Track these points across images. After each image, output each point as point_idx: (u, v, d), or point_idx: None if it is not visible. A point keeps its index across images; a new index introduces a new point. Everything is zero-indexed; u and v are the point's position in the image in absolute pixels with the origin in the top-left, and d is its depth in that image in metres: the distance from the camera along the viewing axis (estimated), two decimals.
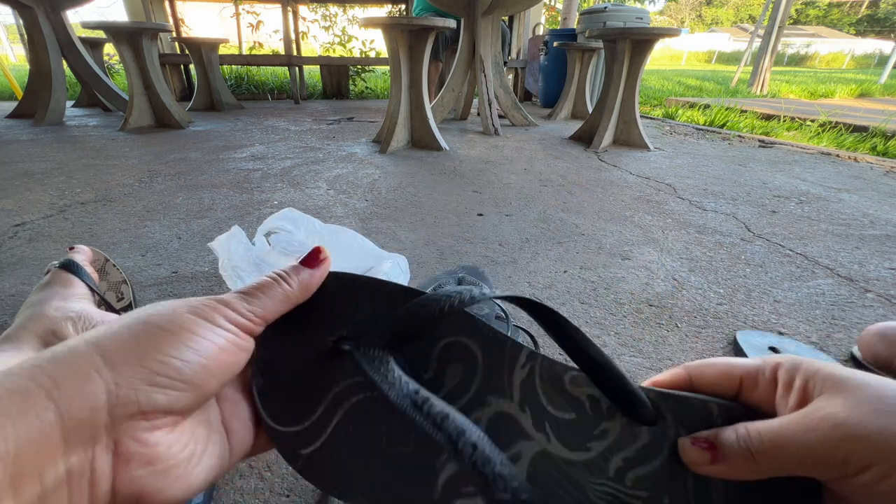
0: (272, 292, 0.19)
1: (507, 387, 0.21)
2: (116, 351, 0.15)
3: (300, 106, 3.42)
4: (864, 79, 6.39)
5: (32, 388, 0.14)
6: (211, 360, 0.16)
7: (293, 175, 1.40)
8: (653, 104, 3.85)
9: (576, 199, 1.21)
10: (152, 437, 0.15)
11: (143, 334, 0.16)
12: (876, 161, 1.76)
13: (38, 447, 0.13)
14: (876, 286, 0.75)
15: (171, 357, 0.15)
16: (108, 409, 0.14)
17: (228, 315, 0.18)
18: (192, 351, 0.16)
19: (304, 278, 0.20)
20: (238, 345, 0.18)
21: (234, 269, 0.58)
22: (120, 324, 0.16)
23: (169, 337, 0.16)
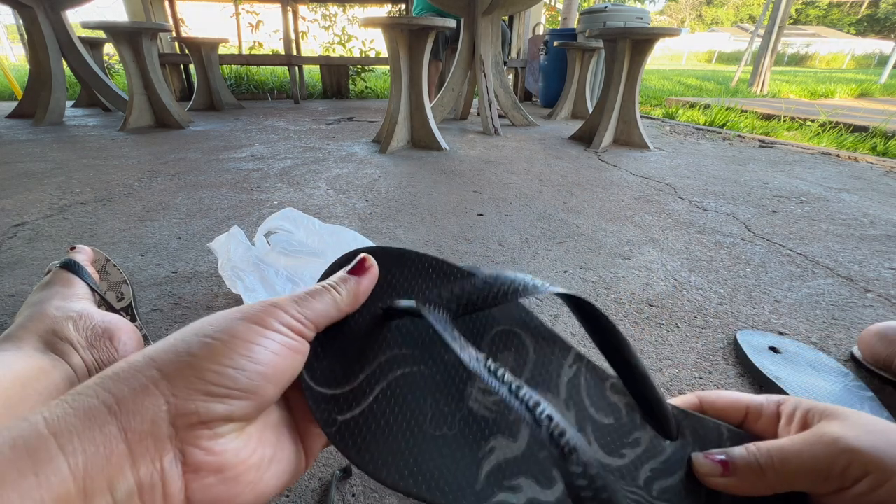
0: (323, 298, 0.19)
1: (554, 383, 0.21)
2: (172, 364, 0.15)
3: (300, 106, 3.42)
4: (864, 79, 6.39)
5: (95, 404, 0.14)
6: (267, 366, 0.16)
7: (293, 175, 1.40)
8: (653, 104, 3.85)
9: (576, 199, 1.21)
10: (218, 444, 0.16)
11: (196, 346, 0.16)
12: (876, 161, 1.76)
13: (105, 460, 0.13)
14: (876, 286, 0.75)
15: (226, 367, 0.16)
16: (169, 420, 0.15)
17: (282, 318, 0.18)
18: (247, 359, 0.16)
19: (351, 287, 0.20)
20: (293, 348, 0.18)
21: (233, 270, 0.58)
22: (175, 337, 0.17)
23: (222, 347, 0.16)
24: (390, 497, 0.36)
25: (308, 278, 0.60)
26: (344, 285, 0.20)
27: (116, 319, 0.48)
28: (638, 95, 1.92)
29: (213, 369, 0.15)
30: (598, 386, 0.21)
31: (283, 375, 0.17)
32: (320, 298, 0.19)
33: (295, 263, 0.62)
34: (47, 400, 0.37)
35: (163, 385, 0.15)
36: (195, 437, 0.15)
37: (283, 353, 0.17)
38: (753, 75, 5.22)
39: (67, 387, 0.41)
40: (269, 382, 0.17)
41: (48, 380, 0.39)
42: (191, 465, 0.15)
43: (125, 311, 0.59)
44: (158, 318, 0.62)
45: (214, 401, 0.15)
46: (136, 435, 0.14)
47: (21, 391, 0.35)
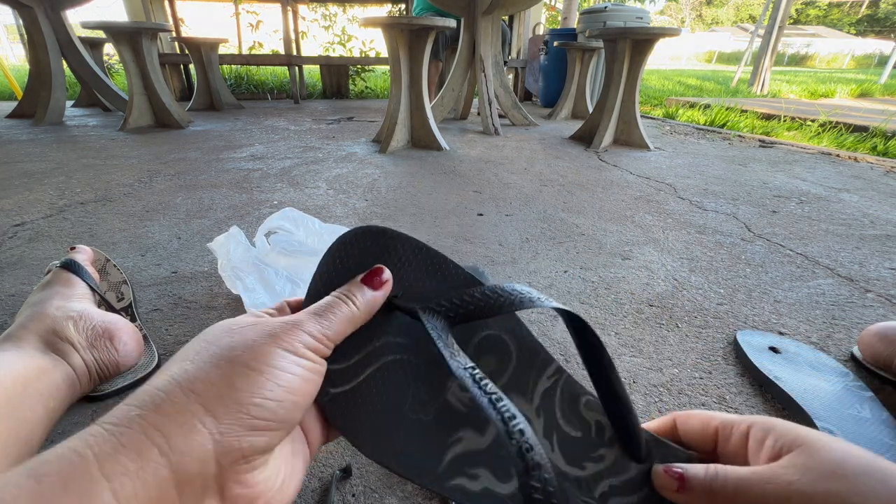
0: (342, 314, 0.19)
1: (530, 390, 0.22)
2: (215, 399, 0.15)
3: (300, 106, 3.42)
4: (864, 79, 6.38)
5: (145, 443, 0.14)
6: (299, 395, 0.17)
7: (293, 175, 1.40)
8: (653, 104, 3.85)
9: (576, 199, 1.21)
10: (252, 476, 0.16)
11: (234, 376, 0.16)
12: (876, 161, 1.76)
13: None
14: (876, 286, 0.75)
15: (266, 399, 0.16)
16: (215, 458, 0.15)
17: (306, 341, 0.18)
18: (283, 389, 0.16)
19: (367, 299, 0.20)
20: (317, 371, 0.18)
21: (233, 270, 0.58)
22: (206, 361, 0.16)
23: (259, 377, 0.16)
24: (390, 497, 0.36)
25: (308, 278, 0.60)
26: (360, 296, 0.20)
27: (117, 319, 0.48)
28: (638, 95, 1.92)
29: (255, 402, 0.15)
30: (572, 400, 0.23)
31: (308, 400, 0.18)
32: (339, 314, 0.19)
33: (295, 263, 0.62)
34: (48, 400, 0.37)
35: (209, 422, 0.15)
36: (235, 472, 0.15)
37: (310, 379, 0.17)
38: (753, 75, 5.22)
39: (68, 386, 0.41)
40: (300, 409, 0.17)
41: (49, 379, 0.39)
42: (229, 500, 0.15)
43: (125, 311, 0.59)
44: (158, 318, 0.62)
45: (256, 434, 0.15)
46: (185, 476, 0.14)
47: (22, 391, 0.35)
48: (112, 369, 0.46)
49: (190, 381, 0.15)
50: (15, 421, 0.33)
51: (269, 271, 0.59)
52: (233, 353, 0.16)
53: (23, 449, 0.33)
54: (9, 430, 0.32)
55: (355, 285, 0.20)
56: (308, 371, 0.17)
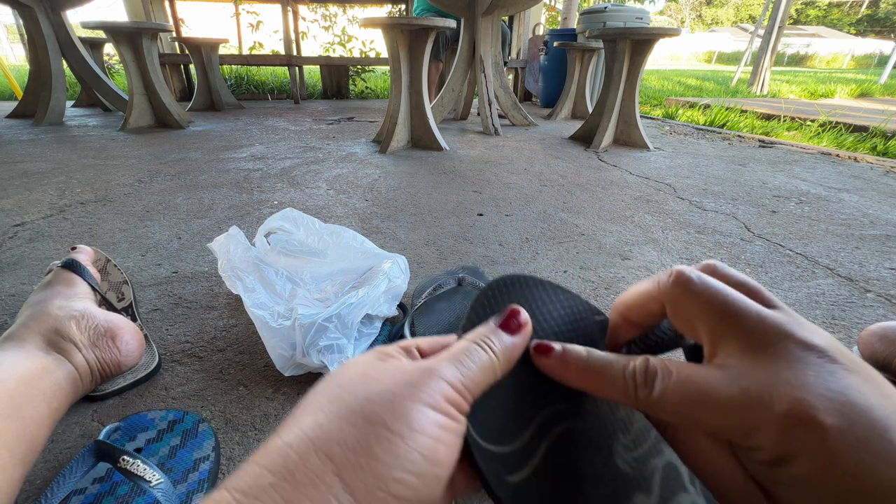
0: (481, 362, 0.16)
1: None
2: (352, 470, 0.13)
3: (300, 106, 3.42)
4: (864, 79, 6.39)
5: None
6: (442, 468, 0.14)
7: (293, 175, 1.40)
8: (653, 104, 3.85)
9: (576, 199, 1.21)
10: None
11: (373, 440, 0.13)
12: (876, 161, 1.76)
13: None
14: (876, 286, 0.75)
15: (409, 472, 0.13)
16: None
17: (446, 391, 0.15)
18: (426, 460, 0.14)
19: (507, 349, 0.17)
20: (457, 431, 0.15)
21: (232, 270, 0.58)
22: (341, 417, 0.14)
23: (400, 443, 0.13)
24: None
25: (308, 278, 0.60)
26: (498, 343, 0.17)
27: (119, 319, 0.49)
28: (638, 95, 1.92)
29: (398, 478, 0.13)
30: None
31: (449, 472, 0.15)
32: (479, 362, 0.16)
33: (295, 263, 0.62)
34: (51, 399, 0.37)
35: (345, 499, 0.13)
36: None
37: (453, 444, 0.15)
38: (753, 75, 5.22)
39: (70, 385, 0.41)
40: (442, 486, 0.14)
41: (52, 379, 0.39)
42: None
43: (125, 311, 0.59)
44: (159, 318, 0.62)
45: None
46: None
47: (26, 391, 0.36)
48: (114, 369, 0.46)
49: (325, 443, 0.13)
50: (20, 420, 0.33)
51: (269, 271, 0.59)
52: (370, 408, 0.14)
53: (28, 448, 0.33)
54: (14, 429, 0.32)
55: (490, 329, 0.18)
56: (449, 433, 0.15)
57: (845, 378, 0.13)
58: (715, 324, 0.16)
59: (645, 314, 0.19)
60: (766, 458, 0.14)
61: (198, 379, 0.51)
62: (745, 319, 0.15)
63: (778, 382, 0.14)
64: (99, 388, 0.47)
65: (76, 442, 0.43)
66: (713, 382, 0.15)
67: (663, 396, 0.15)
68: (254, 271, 0.59)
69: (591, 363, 0.17)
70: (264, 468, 0.13)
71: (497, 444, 0.16)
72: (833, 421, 0.12)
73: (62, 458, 0.41)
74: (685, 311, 0.17)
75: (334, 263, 0.63)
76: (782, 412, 0.13)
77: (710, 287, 0.16)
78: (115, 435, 0.41)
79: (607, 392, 0.17)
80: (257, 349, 0.55)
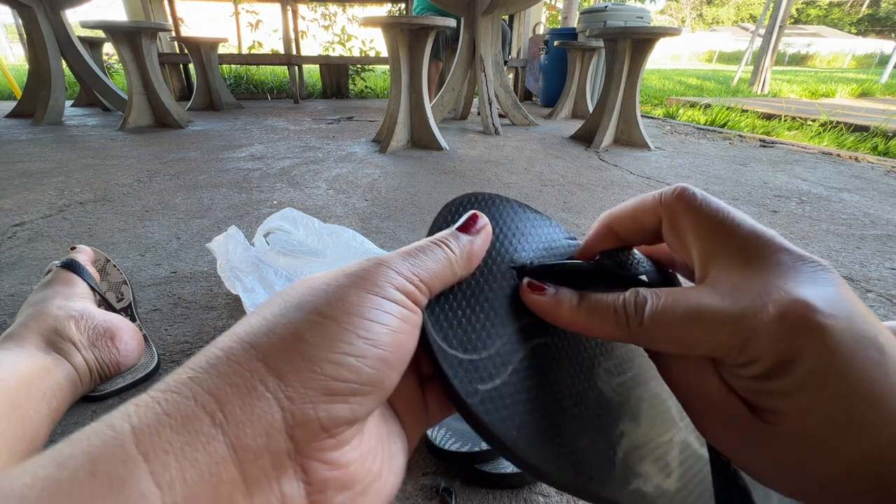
0: (436, 256, 0.16)
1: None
2: (279, 353, 0.12)
3: (300, 105, 3.42)
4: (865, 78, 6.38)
5: (193, 409, 0.11)
6: (389, 349, 0.13)
7: (292, 175, 1.40)
8: (653, 104, 3.85)
9: (576, 199, 1.21)
10: (343, 455, 0.13)
11: (305, 326, 0.12)
12: (877, 161, 1.75)
13: (213, 490, 0.10)
14: (877, 286, 0.75)
15: (346, 354, 0.12)
16: (286, 431, 0.11)
17: (395, 281, 0.14)
18: (367, 342, 0.13)
19: (465, 245, 0.17)
20: (410, 321, 0.14)
21: (232, 270, 0.58)
22: (273, 312, 0.13)
23: (336, 327, 0.13)
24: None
25: None
26: (455, 241, 0.17)
27: (118, 319, 0.48)
28: (638, 95, 1.92)
29: (333, 359, 0.12)
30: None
31: (403, 357, 0.14)
32: (433, 256, 0.16)
33: (294, 263, 0.62)
34: (51, 399, 0.37)
35: (272, 383, 0.12)
36: (317, 449, 0.12)
37: (403, 329, 0.14)
38: (754, 75, 5.21)
39: (70, 385, 0.41)
40: (393, 370, 0.13)
41: (52, 379, 0.39)
42: (316, 485, 0.12)
43: (125, 311, 0.59)
44: (158, 318, 0.62)
45: (337, 401, 0.12)
46: (248, 454, 0.11)
47: (26, 390, 0.35)
48: (113, 369, 0.46)
49: (253, 335, 0.12)
50: (20, 420, 0.33)
51: (269, 271, 0.59)
52: (304, 300, 0.13)
53: (28, 448, 0.33)
54: (14, 429, 0.32)
55: (448, 231, 0.17)
56: (399, 319, 0.14)
57: (839, 285, 0.13)
58: (709, 238, 0.15)
59: (636, 227, 0.19)
60: (760, 370, 0.13)
61: None
62: (740, 232, 0.15)
63: (771, 288, 0.13)
64: (98, 388, 0.47)
65: None
66: (705, 299, 0.14)
67: (654, 321, 0.15)
68: (253, 271, 0.59)
69: (582, 306, 0.17)
70: (186, 367, 0.12)
71: (465, 351, 0.16)
72: (831, 322, 0.12)
73: None
74: (682, 225, 0.16)
75: (334, 263, 0.63)
76: (778, 315, 0.13)
77: (712, 203, 0.16)
78: None
79: (599, 330, 0.16)
80: None
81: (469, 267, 0.17)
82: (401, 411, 0.17)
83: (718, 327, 0.13)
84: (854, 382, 0.12)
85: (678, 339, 0.14)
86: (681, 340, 0.14)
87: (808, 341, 0.12)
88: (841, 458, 0.12)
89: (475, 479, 0.39)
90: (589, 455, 0.16)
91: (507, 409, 0.15)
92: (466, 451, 0.39)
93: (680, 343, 0.14)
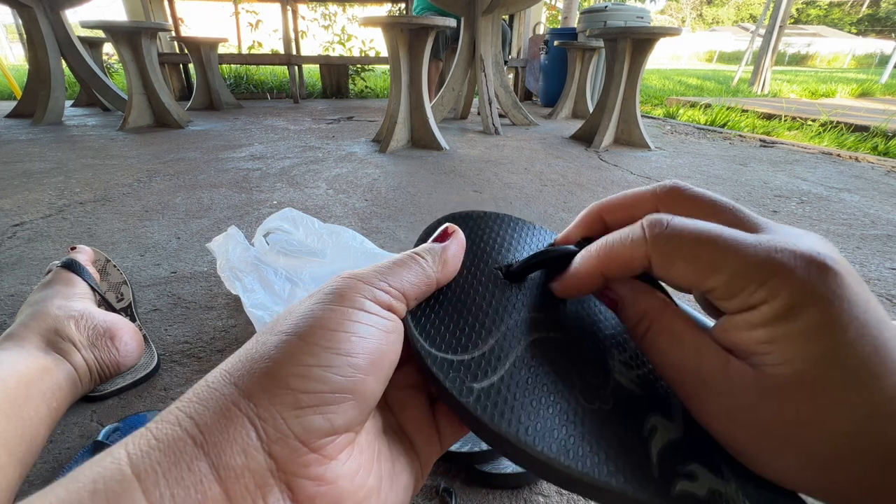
0: (409, 266, 0.16)
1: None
2: (247, 374, 0.13)
3: (299, 105, 3.42)
4: (865, 78, 6.39)
5: (178, 433, 0.12)
6: (360, 356, 0.13)
7: (292, 175, 1.40)
8: (653, 103, 3.85)
9: (577, 199, 1.21)
10: (329, 470, 0.13)
11: (272, 347, 0.13)
12: (877, 161, 1.75)
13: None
14: (877, 286, 0.75)
15: (309, 366, 0.13)
16: (263, 449, 0.12)
17: (367, 293, 0.15)
18: (332, 352, 0.13)
19: (436, 250, 0.17)
20: (386, 328, 0.15)
21: (231, 270, 0.57)
22: (253, 340, 0.14)
23: (300, 343, 0.13)
24: None
25: (307, 278, 0.60)
26: (427, 251, 0.17)
27: (118, 319, 0.48)
28: (638, 95, 1.92)
29: (296, 373, 0.13)
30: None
31: (381, 364, 0.14)
32: (405, 266, 0.16)
33: (294, 263, 0.62)
34: (51, 399, 0.37)
35: (243, 404, 0.12)
36: (301, 465, 0.12)
37: (375, 336, 0.14)
38: (754, 75, 5.21)
39: (70, 385, 0.41)
40: (368, 375, 0.14)
41: (51, 379, 0.39)
42: (303, 502, 0.12)
43: (125, 311, 0.59)
44: (157, 318, 0.62)
45: (308, 413, 0.12)
46: (229, 472, 0.11)
47: (26, 390, 0.35)
48: (113, 369, 0.46)
49: (230, 364, 0.13)
50: (20, 420, 0.33)
51: (269, 271, 0.59)
52: (277, 323, 0.14)
53: (27, 448, 0.33)
54: (14, 429, 0.32)
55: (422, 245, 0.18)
56: (371, 327, 0.14)
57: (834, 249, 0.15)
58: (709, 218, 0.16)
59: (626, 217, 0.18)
60: (772, 313, 0.13)
61: (197, 379, 0.50)
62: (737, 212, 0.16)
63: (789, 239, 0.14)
64: (98, 389, 0.47)
65: (75, 442, 0.42)
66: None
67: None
68: (253, 271, 0.59)
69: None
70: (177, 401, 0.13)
71: (455, 353, 0.16)
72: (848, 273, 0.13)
73: (61, 458, 0.41)
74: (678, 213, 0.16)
75: (334, 263, 0.63)
76: (804, 257, 0.13)
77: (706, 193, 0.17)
78: (114, 436, 0.41)
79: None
80: None
81: (446, 271, 0.17)
82: (411, 432, 0.17)
83: (745, 257, 0.13)
84: (868, 329, 0.12)
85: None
86: (702, 260, 0.14)
87: (829, 286, 0.12)
88: (851, 410, 0.12)
89: (475, 479, 0.39)
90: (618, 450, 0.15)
91: (508, 403, 0.15)
92: (466, 451, 0.39)
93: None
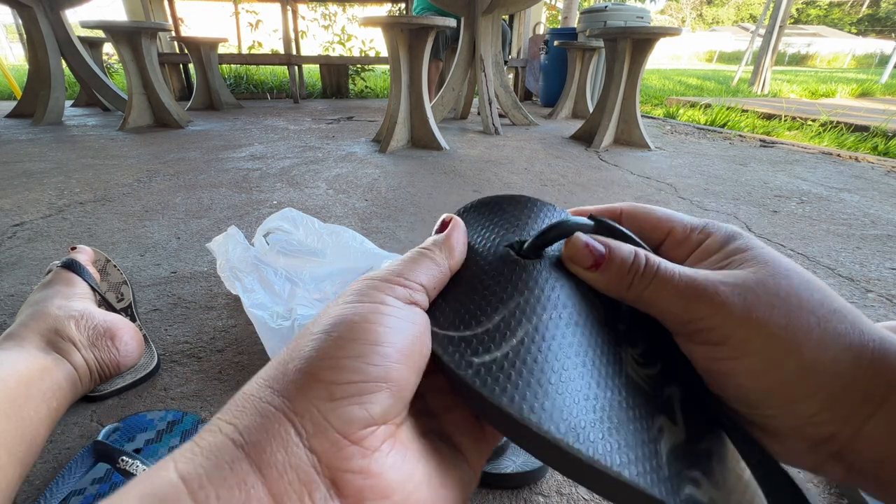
0: (419, 259, 0.17)
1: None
2: (281, 377, 0.13)
3: (299, 105, 3.42)
4: (865, 78, 6.38)
5: (219, 438, 0.12)
6: (390, 345, 0.14)
7: (292, 175, 1.40)
8: (653, 103, 3.85)
9: (577, 199, 1.21)
10: (374, 463, 0.13)
11: (306, 349, 0.14)
12: (877, 161, 1.75)
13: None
14: (877, 286, 0.75)
15: (340, 358, 0.13)
16: (303, 444, 0.12)
17: (389, 290, 0.16)
18: (361, 342, 0.14)
19: (438, 239, 0.18)
20: (412, 320, 0.15)
21: (231, 270, 0.57)
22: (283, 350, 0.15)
23: (329, 340, 0.14)
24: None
25: (307, 278, 0.60)
26: (434, 243, 0.18)
27: (118, 319, 0.48)
28: (638, 95, 1.92)
29: (328, 365, 0.13)
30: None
31: (411, 353, 0.14)
32: (418, 262, 0.17)
33: (294, 263, 0.62)
34: (51, 399, 0.37)
35: (279, 403, 0.13)
36: (344, 459, 0.12)
37: (401, 327, 0.15)
38: (754, 75, 5.21)
39: (70, 385, 0.41)
40: (400, 363, 0.14)
41: (51, 379, 0.39)
42: (351, 497, 0.12)
43: (125, 311, 0.59)
44: (158, 318, 0.62)
45: (344, 403, 0.13)
46: (272, 470, 0.12)
47: (26, 390, 0.35)
48: (113, 369, 0.46)
49: (266, 370, 0.14)
50: (20, 420, 0.33)
51: (269, 271, 0.59)
52: (304, 332, 0.15)
53: (27, 448, 0.33)
54: (14, 429, 0.32)
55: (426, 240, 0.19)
56: (399, 319, 0.15)
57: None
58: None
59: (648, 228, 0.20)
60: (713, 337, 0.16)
61: (197, 379, 0.51)
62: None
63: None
64: (98, 389, 0.47)
65: (75, 442, 0.42)
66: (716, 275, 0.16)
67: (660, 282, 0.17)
68: (253, 271, 0.59)
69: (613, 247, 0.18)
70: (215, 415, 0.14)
71: (457, 329, 0.16)
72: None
73: (61, 458, 0.41)
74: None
75: (333, 263, 0.63)
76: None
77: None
78: (114, 436, 0.41)
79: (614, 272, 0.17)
80: (256, 350, 0.55)
81: (454, 256, 0.18)
82: (456, 435, 0.17)
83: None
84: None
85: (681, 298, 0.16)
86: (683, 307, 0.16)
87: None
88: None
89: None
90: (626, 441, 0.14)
91: (511, 380, 0.14)
92: None
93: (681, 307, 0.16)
